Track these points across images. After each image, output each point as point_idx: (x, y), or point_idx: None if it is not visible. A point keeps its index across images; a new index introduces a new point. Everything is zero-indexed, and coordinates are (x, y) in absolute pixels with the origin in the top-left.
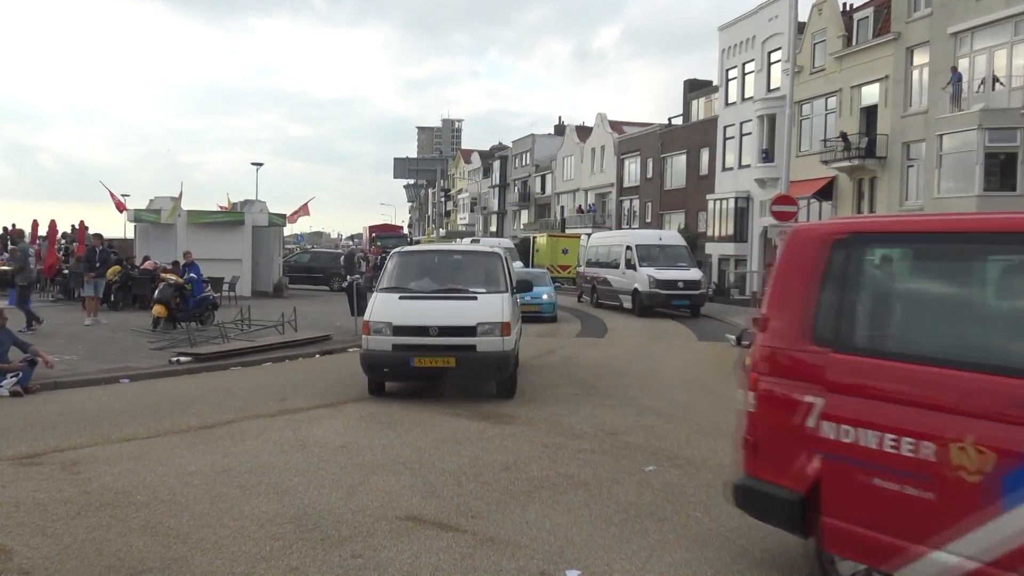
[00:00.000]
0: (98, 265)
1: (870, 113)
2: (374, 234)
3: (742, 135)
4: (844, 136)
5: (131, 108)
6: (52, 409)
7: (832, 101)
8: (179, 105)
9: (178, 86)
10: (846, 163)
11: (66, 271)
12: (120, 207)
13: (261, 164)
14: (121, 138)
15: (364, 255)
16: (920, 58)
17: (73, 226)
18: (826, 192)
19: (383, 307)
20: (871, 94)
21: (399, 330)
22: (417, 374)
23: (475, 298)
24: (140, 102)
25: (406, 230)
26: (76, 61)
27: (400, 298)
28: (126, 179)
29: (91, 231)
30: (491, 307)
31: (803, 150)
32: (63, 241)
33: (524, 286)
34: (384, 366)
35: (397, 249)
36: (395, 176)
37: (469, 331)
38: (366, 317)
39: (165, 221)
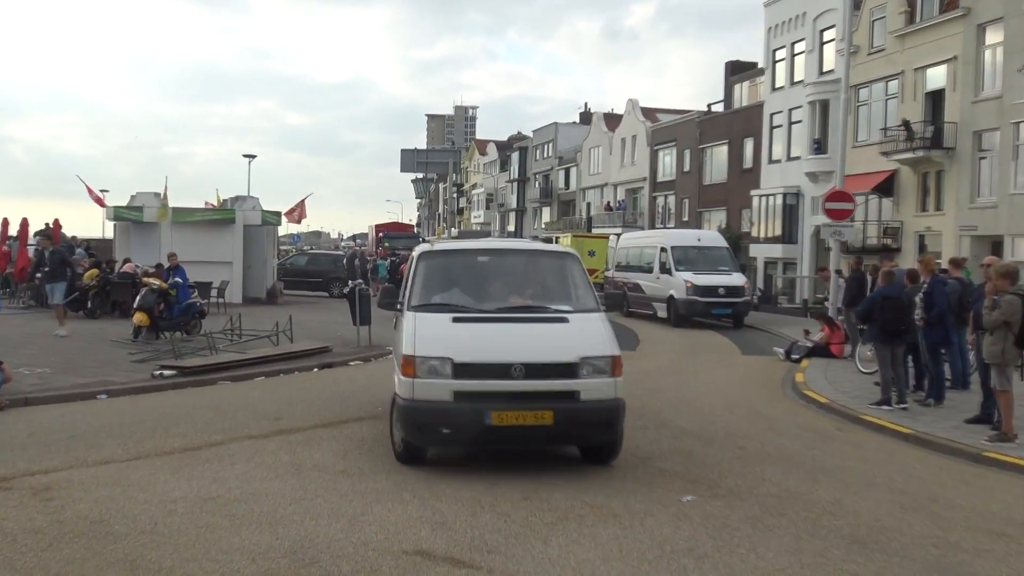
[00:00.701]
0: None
1: (936, 98)
2: (381, 234)
3: (791, 123)
4: (907, 124)
5: (111, 95)
6: (21, 428)
7: (893, 85)
8: (164, 91)
9: (163, 70)
10: (909, 155)
11: (38, 275)
12: (100, 202)
13: (254, 156)
14: (100, 128)
15: (361, 258)
16: (993, 36)
17: (47, 224)
18: (886, 187)
19: (432, 334)
20: (937, 77)
21: (465, 370)
22: (496, 437)
23: (565, 320)
24: (121, 88)
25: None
26: (50, 44)
27: (454, 320)
28: (105, 173)
29: (63, 231)
30: (592, 334)
31: (860, 140)
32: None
33: (615, 301)
34: (442, 424)
35: (424, 248)
36: (402, 170)
37: (568, 370)
38: (407, 350)
39: (154, 220)
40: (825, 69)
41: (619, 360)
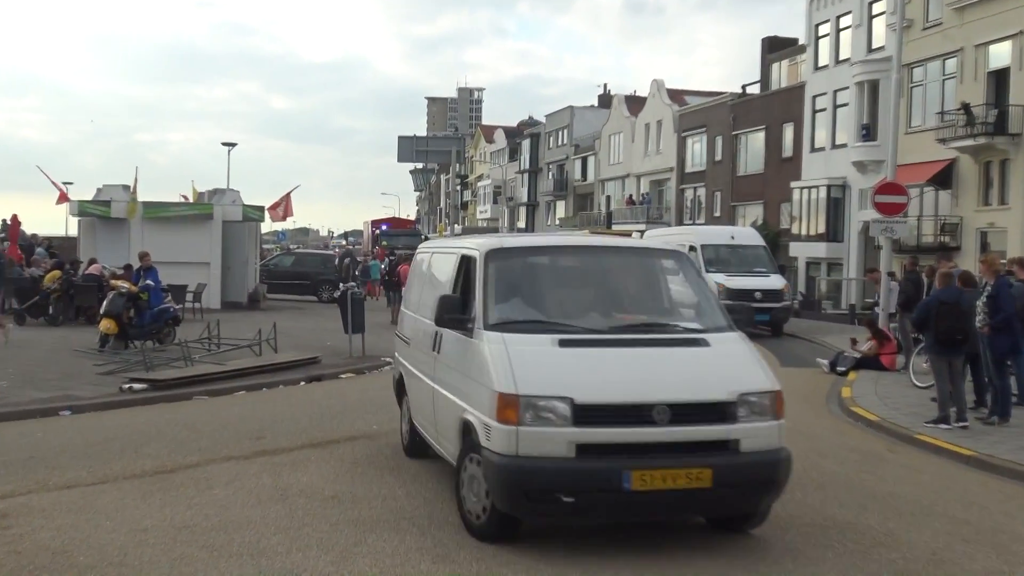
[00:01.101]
0: None
1: (1000, 78)
2: (378, 230)
3: (836, 107)
4: (966, 107)
5: (75, 77)
6: None
7: (951, 63)
8: (134, 73)
9: (133, 49)
10: (969, 141)
11: None
12: (62, 197)
13: (234, 144)
14: (63, 113)
15: (352, 257)
16: None
17: (4, 220)
18: (943, 178)
19: (536, 364)
20: (1001, 54)
21: (590, 413)
22: (635, 506)
23: (705, 342)
24: (86, 69)
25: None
26: (8, 20)
27: (560, 344)
28: (69, 163)
29: (23, 227)
30: (742, 361)
31: (914, 125)
32: None
33: (745, 315)
34: (560, 489)
35: (492, 245)
36: (399, 159)
37: (724, 411)
38: (503, 385)
39: (123, 216)
40: (874, 46)
41: (781, 397)
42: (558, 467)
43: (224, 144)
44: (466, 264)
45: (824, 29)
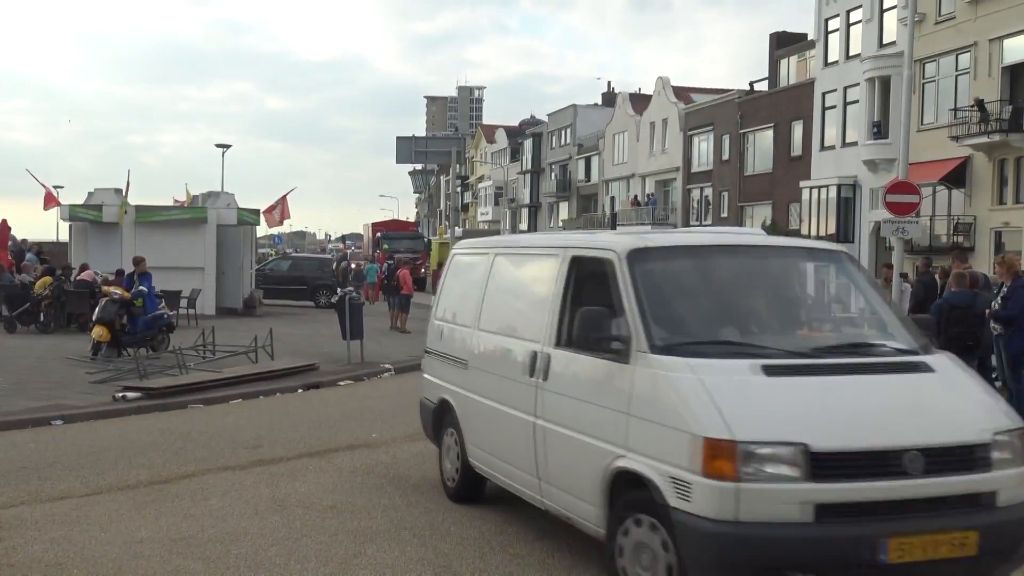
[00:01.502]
0: None
1: (1015, 74)
2: (379, 234)
3: (846, 104)
4: (980, 104)
5: (65, 77)
6: None
7: (964, 59)
8: (125, 73)
9: (124, 49)
10: (983, 139)
11: None
12: (51, 201)
13: (229, 146)
14: (53, 115)
15: (347, 262)
16: None
17: None
18: (957, 177)
19: (748, 399)
20: (1017, 49)
21: (828, 464)
22: None
23: (927, 366)
24: (78, 69)
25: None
26: None
27: (766, 372)
28: (60, 165)
29: (13, 232)
30: (975, 390)
31: (926, 123)
32: None
33: (929, 329)
34: (797, 565)
35: (634, 243)
36: (398, 160)
37: (977, 457)
38: (711, 429)
39: (115, 221)
40: (886, 41)
41: None
42: (795, 536)
43: (218, 145)
44: (587, 268)
45: (834, 24)
